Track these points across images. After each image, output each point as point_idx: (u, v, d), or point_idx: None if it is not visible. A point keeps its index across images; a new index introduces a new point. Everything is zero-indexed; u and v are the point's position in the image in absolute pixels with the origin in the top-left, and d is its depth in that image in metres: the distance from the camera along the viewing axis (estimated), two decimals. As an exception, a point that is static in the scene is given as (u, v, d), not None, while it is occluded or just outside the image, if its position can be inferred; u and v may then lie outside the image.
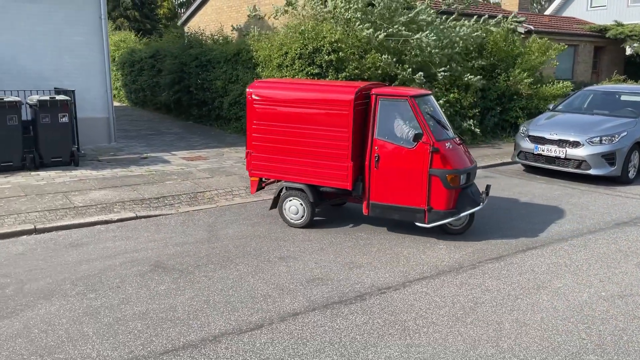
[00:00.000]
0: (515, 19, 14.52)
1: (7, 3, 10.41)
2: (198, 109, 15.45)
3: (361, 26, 11.77)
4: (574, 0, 27.19)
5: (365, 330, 4.02)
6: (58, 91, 10.30)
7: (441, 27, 12.77)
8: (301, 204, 6.54)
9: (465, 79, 12.65)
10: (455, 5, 13.73)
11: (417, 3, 13.05)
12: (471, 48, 13.77)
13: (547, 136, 9.65)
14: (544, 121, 10.31)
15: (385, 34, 11.85)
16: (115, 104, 20.76)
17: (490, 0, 28.48)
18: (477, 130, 12.95)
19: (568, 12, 26.88)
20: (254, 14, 13.89)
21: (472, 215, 6.30)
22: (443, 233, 6.32)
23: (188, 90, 15.56)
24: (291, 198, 6.60)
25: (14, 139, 8.64)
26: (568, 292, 4.78)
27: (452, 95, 12.78)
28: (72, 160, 9.29)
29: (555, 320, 4.24)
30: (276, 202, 6.78)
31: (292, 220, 6.63)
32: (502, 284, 4.92)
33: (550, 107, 11.42)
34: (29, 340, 3.79)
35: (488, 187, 6.58)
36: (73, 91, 9.89)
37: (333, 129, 6.18)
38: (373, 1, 12.42)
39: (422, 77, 11.76)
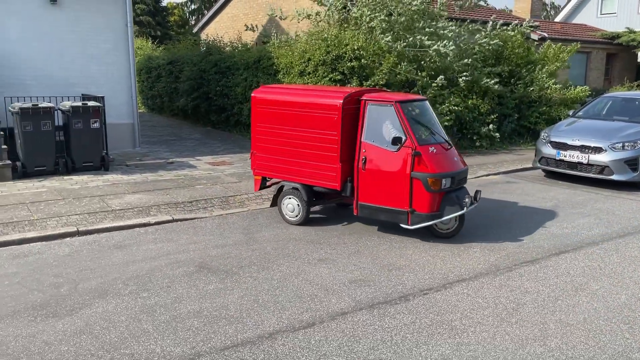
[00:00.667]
0: (530, 24, 14.64)
1: (36, 11, 10.65)
2: (217, 115, 15.64)
3: (382, 35, 11.95)
4: (584, 8, 27.29)
5: (414, 329, 4.14)
6: (86, 97, 10.51)
7: (459, 35, 12.95)
8: (297, 203, 6.91)
9: (482, 83, 12.79)
10: (468, 2, 13.84)
11: (434, 9, 13.19)
12: (488, 54, 13.92)
13: (569, 142, 9.75)
14: (565, 127, 10.42)
15: (405, 43, 12.01)
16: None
17: (497, 8, 28.59)
18: (497, 135, 13.08)
19: (578, 20, 26.99)
20: (274, 15, 14.05)
21: (461, 219, 6.43)
22: (446, 237, 6.45)
23: (207, 97, 15.76)
24: (288, 196, 7.01)
25: (48, 144, 8.84)
26: (606, 294, 4.88)
27: (470, 101, 12.91)
28: (102, 165, 9.48)
29: (598, 320, 4.35)
30: (276, 200, 7.20)
31: (289, 218, 7.03)
32: (540, 286, 5.04)
33: (570, 113, 11.54)
34: (92, 336, 3.95)
35: (478, 192, 6.66)
36: (102, 97, 10.09)
37: (324, 132, 6.56)
38: (392, 11, 12.59)
39: (443, 80, 11.91)
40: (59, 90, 10.92)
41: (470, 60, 12.63)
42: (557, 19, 28.04)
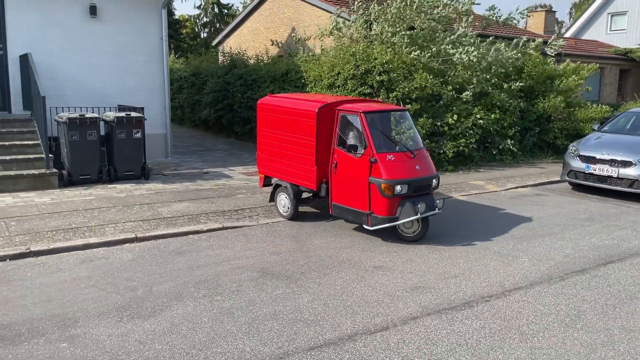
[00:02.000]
0: (555, 43, 14.92)
1: (76, 23, 10.97)
2: (241, 127, 15.90)
3: (407, 49, 12.22)
4: (594, 24, 27.66)
5: (485, 333, 4.32)
6: (122, 108, 10.78)
7: (481, 49, 13.23)
8: (287, 199, 7.72)
9: (497, 99, 13.05)
10: (493, 16, 14.14)
11: (456, 26, 13.49)
12: (510, 69, 14.19)
13: (598, 156, 9.96)
14: (594, 141, 10.63)
15: (430, 53, 12.28)
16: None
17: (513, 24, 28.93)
18: (515, 149, 13.31)
19: (588, 36, 27.34)
20: (299, 38, 14.41)
21: (424, 224, 6.83)
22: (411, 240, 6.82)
23: (231, 109, 16.05)
24: (281, 194, 7.87)
25: (93, 153, 9.09)
26: (660, 302, 5.05)
27: (493, 115, 13.15)
28: (142, 174, 9.71)
29: (659, 327, 4.52)
30: (273, 197, 8.07)
31: (282, 212, 7.88)
32: (595, 294, 5.21)
33: (595, 127, 11.75)
34: (181, 336, 4.13)
35: (444, 200, 7.09)
36: (142, 108, 10.35)
37: (305, 137, 7.32)
38: (414, 25, 12.88)
39: (469, 95, 12.16)
40: (96, 101, 11.21)
41: (489, 74, 12.91)
42: (567, 35, 28.38)
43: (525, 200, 9.58)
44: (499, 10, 14.10)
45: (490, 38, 14.02)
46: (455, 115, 12.15)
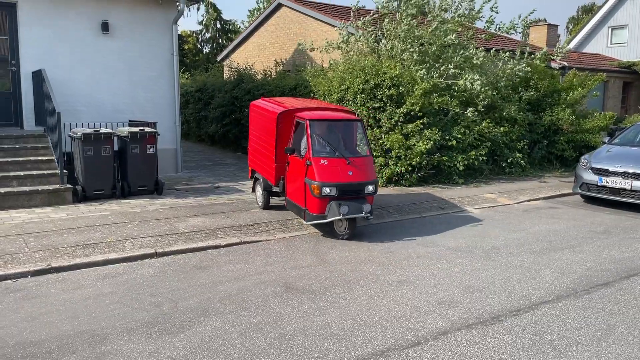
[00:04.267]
0: (560, 52, 14.99)
1: (89, 39, 11.04)
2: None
3: (416, 67, 12.29)
4: (594, 38, 27.84)
5: (518, 348, 4.28)
6: (133, 123, 10.81)
7: (488, 64, 13.31)
8: (261, 191, 8.78)
9: (506, 112, 13.08)
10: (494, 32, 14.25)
11: (462, 40, 13.58)
12: (517, 81, 14.25)
13: (611, 168, 9.96)
14: (605, 154, 10.64)
15: (438, 74, 12.35)
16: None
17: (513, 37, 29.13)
18: (523, 162, 13.34)
19: (589, 49, 27.52)
20: (305, 48, 14.48)
21: (351, 225, 7.38)
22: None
23: (238, 123, 16.09)
24: (257, 185, 9.05)
25: (107, 169, 9.08)
26: (690, 315, 5.01)
27: (502, 128, 13.18)
28: (156, 189, 9.70)
29: (692, 340, 4.48)
30: (253, 187, 9.37)
31: (258, 202, 9.03)
32: (623, 307, 5.17)
33: (606, 140, 11.77)
34: (213, 352, 4.09)
35: (371, 212, 7.43)
36: (155, 123, 10.38)
37: (269, 136, 8.30)
38: (424, 42, 12.96)
39: (474, 112, 12.21)
40: (108, 116, 11.26)
41: (493, 92, 13.00)
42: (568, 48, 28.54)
43: (540, 213, 9.56)
44: (501, 22, 14.23)
45: (493, 50, 14.12)
46: (463, 129, 12.17)
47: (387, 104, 11.52)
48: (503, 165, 13.43)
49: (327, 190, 7.11)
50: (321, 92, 12.86)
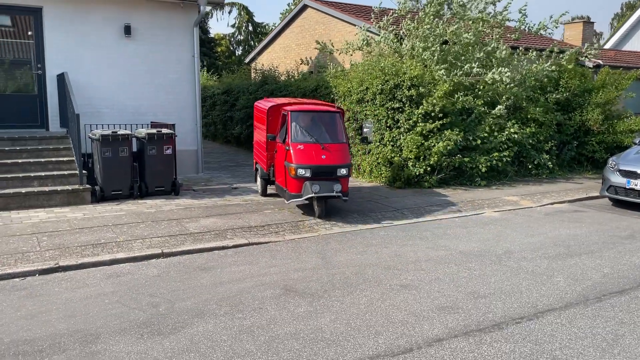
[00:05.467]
0: (590, 49, 14.47)
1: (111, 43, 11.27)
2: (273, 142, 15.95)
3: (436, 67, 12.07)
4: (634, 35, 26.78)
5: (515, 357, 4.11)
6: (155, 125, 10.97)
7: (514, 62, 12.94)
8: (260, 179, 9.97)
9: (532, 113, 12.66)
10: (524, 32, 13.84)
11: (488, 39, 13.27)
12: (545, 81, 13.84)
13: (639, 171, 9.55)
14: (634, 155, 10.21)
15: (461, 72, 12.09)
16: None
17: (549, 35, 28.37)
18: (550, 164, 12.93)
19: (629, 47, 26.48)
20: (327, 50, 14.45)
21: (321, 203, 8.30)
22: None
23: (262, 124, 16.13)
24: (257, 174, 10.25)
25: (125, 170, 9.24)
26: None
27: (528, 129, 12.82)
28: (173, 190, 9.82)
29: None
30: (255, 177, 10.57)
31: (258, 189, 10.21)
32: (634, 317, 4.92)
33: (637, 141, 11.29)
34: (200, 354, 4.08)
35: (345, 193, 8.39)
36: (173, 125, 10.50)
37: (262, 129, 9.71)
38: (448, 39, 12.73)
39: (502, 110, 11.90)
40: (130, 118, 11.47)
41: (521, 87, 12.61)
42: (607, 47, 27.59)
43: (562, 216, 9.23)
44: (531, 21, 13.82)
45: (521, 48, 13.74)
46: (487, 128, 11.88)
47: (406, 105, 11.34)
48: (529, 167, 13.06)
49: (302, 171, 8.06)
50: (341, 92, 12.79)
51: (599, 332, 4.57)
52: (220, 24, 72.27)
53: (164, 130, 9.63)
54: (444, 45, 12.66)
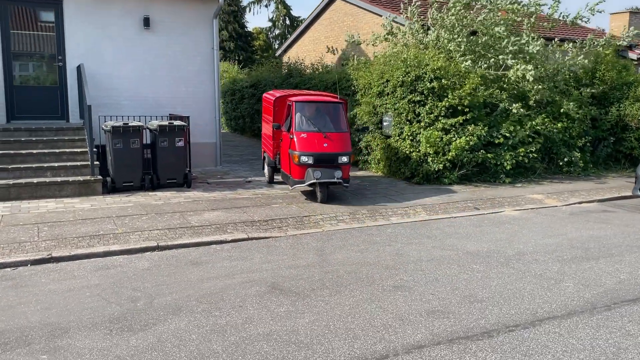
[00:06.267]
0: (627, 34, 13.54)
1: (131, 35, 11.31)
2: (296, 136, 15.77)
3: (462, 58, 11.56)
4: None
5: (498, 369, 3.79)
6: (173, 117, 10.97)
7: (548, 53, 12.29)
8: (266, 167, 10.55)
9: (564, 107, 11.96)
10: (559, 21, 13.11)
11: (523, 27, 12.65)
12: (580, 73, 13.10)
13: (675, 169, 8.87)
14: (671, 153, 9.49)
15: (486, 65, 11.55)
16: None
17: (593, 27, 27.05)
18: (582, 161, 12.25)
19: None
20: (351, 40, 14.14)
21: (323, 188, 8.67)
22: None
23: (287, 118, 15.98)
24: (265, 163, 10.79)
25: (136, 161, 9.25)
26: None
27: (560, 124, 12.17)
28: (185, 182, 9.77)
29: None
30: (263, 165, 11.10)
31: (266, 177, 10.67)
32: (645, 329, 4.48)
33: (676, 138, 10.53)
34: (164, 353, 3.93)
35: (347, 180, 8.81)
36: (188, 117, 10.48)
37: (269, 118, 10.27)
38: (476, 29, 12.19)
39: (520, 107, 11.29)
40: (150, 110, 11.51)
41: (553, 81, 11.93)
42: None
43: (588, 216, 8.68)
44: (566, 9, 13.09)
45: (556, 39, 13.05)
46: (513, 125, 11.32)
47: (428, 98, 10.93)
48: (560, 163, 12.41)
49: (304, 158, 8.53)
50: (361, 85, 12.47)
51: (599, 345, 4.17)
52: (258, 18, 72.62)
53: (176, 123, 9.58)
54: (471, 37, 12.14)
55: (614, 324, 4.57)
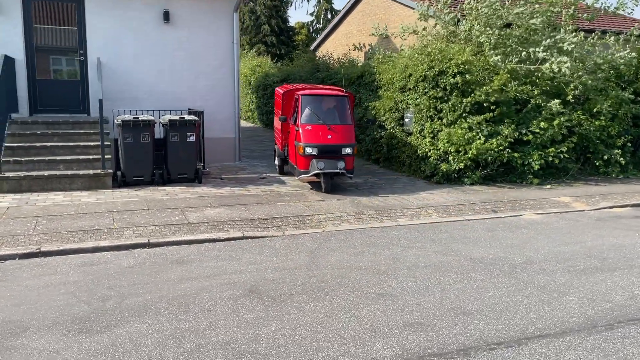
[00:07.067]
0: None
1: (151, 29, 11.32)
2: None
3: (491, 52, 10.96)
4: None
5: (464, 393, 3.43)
6: (192, 112, 10.93)
7: (586, 47, 11.49)
8: (276, 158, 10.95)
9: (598, 107, 11.14)
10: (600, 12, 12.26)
11: (559, 23, 11.90)
12: (622, 69, 12.22)
13: None
14: None
15: (518, 59, 10.90)
16: (249, 124, 21.86)
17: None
18: (624, 161, 11.41)
19: None
20: (379, 33, 13.72)
21: (326, 178, 8.99)
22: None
23: (314, 112, 15.73)
24: (275, 155, 11.14)
25: (146, 156, 9.23)
26: None
27: (597, 122, 11.40)
28: (196, 178, 9.69)
29: None
30: (274, 157, 11.48)
31: (276, 167, 11.02)
32: (647, 354, 4.00)
33: None
34: (110, 359, 3.77)
35: (350, 171, 9.17)
36: (202, 112, 10.39)
37: (278, 112, 10.70)
38: (511, 21, 11.53)
39: (557, 105, 10.60)
40: (169, 104, 11.51)
41: (591, 79, 11.12)
42: None
43: (616, 223, 8.05)
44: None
45: (597, 31, 12.21)
46: (544, 122, 10.66)
47: (452, 94, 10.42)
48: (597, 164, 11.63)
49: (309, 150, 8.89)
50: (384, 80, 12.07)
51: (588, 371, 3.74)
52: (299, 13, 72.42)
53: (187, 117, 9.50)
54: (505, 29, 11.48)
55: (612, 346, 4.10)
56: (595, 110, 11.27)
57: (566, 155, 10.85)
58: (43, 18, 10.83)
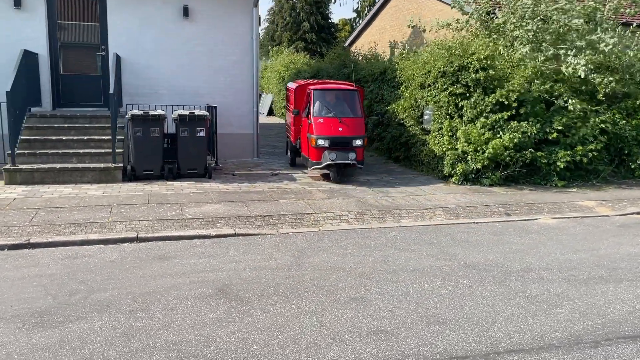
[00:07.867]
0: None
1: (170, 24, 11.38)
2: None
3: (521, 47, 10.37)
4: None
5: (405, 412, 3.16)
6: (208, 107, 10.93)
7: (625, 43, 10.71)
8: (288, 150, 11.44)
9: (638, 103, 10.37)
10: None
11: (599, 14, 11.14)
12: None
13: None
14: None
15: (544, 57, 10.26)
16: (275, 120, 21.83)
17: None
18: None
19: None
20: (412, 25, 13.33)
21: (338, 169, 9.37)
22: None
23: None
24: (287, 147, 11.67)
25: (156, 150, 9.27)
26: None
27: (634, 121, 10.66)
28: (206, 173, 9.68)
29: None
30: (286, 150, 12.05)
31: (289, 160, 11.40)
32: (628, 377, 3.60)
33: None
34: (54, 355, 3.72)
35: (360, 162, 9.53)
36: (215, 107, 10.37)
37: (290, 106, 11.15)
38: (550, 17, 10.85)
39: (576, 105, 9.92)
40: (188, 100, 11.56)
41: (622, 76, 10.38)
42: None
43: (638, 230, 7.45)
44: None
45: (634, 24, 11.41)
46: (571, 120, 10.02)
47: (473, 90, 9.96)
48: (632, 166, 10.89)
49: (321, 141, 9.27)
50: (405, 77, 11.70)
51: (553, 393, 3.39)
52: (344, 9, 72.08)
53: (197, 112, 9.48)
54: (545, 22, 10.81)
55: (591, 367, 3.72)
56: (638, 104, 10.49)
57: (596, 155, 10.18)
58: (66, 14, 11.07)
